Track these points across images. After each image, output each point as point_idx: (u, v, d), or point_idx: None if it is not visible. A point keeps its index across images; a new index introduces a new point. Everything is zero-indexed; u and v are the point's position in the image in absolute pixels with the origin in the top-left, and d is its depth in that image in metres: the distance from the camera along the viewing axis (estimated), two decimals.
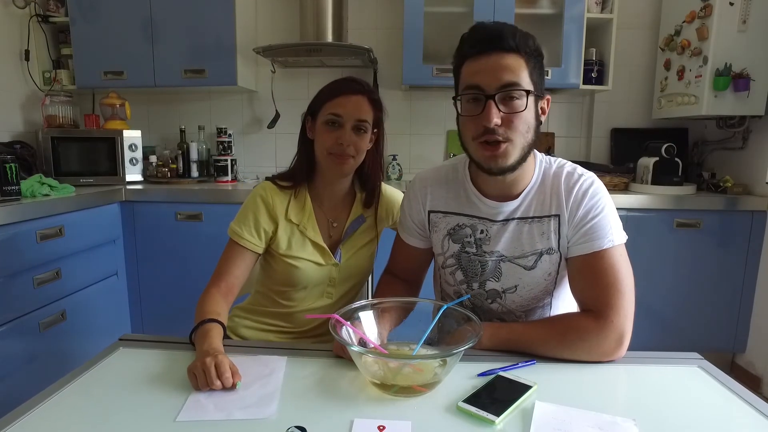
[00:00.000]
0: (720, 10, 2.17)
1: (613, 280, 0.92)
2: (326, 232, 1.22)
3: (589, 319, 0.91)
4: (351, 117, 1.12)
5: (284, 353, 0.92)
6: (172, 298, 2.38)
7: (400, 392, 0.77)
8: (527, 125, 0.91)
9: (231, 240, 1.14)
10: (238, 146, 2.86)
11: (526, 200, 1.01)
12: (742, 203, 2.27)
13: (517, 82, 0.89)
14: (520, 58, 0.90)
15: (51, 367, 1.90)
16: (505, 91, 0.89)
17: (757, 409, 0.75)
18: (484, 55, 0.90)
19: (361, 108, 1.13)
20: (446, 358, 0.78)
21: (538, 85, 0.93)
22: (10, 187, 1.84)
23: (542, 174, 1.02)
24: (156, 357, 0.91)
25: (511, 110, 0.90)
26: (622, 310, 0.91)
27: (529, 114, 0.91)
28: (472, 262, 1.05)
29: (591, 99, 2.79)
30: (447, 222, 1.08)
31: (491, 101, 0.89)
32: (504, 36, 0.89)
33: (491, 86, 0.89)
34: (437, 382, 0.79)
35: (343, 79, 1.19)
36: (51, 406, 0.75)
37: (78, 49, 2.55)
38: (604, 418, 0.71)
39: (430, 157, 2.87)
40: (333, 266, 1.20)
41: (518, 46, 0.89)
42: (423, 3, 2.40)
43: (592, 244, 0.95)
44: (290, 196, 1.19)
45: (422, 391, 0.78)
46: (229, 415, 0.72)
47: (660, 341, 2.32)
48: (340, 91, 1.14)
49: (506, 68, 0.89)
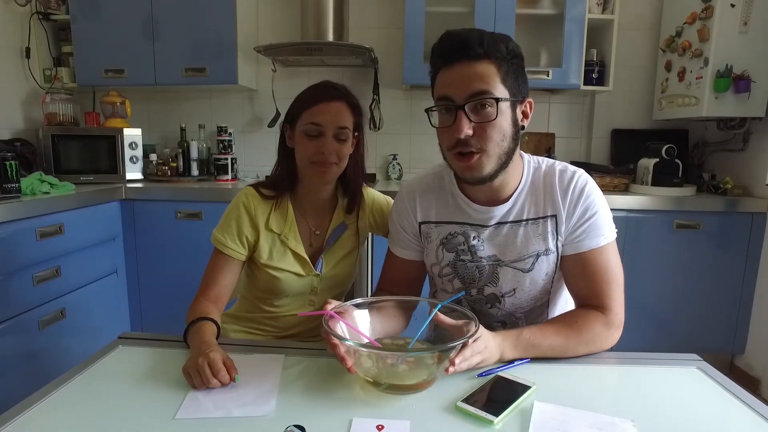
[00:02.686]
0: (721, 11, 2.17)
1: (612, 275, 0.96)
2: (308, 240, 1.20)
3: (598, 315, 0.94)
4: (331, 125, 1.09)
5: (281, 352, 0.92)
6: (171, 296, 2.38)
7: (392, 389, 0.77)
8: (502, 133, 0.89)
9: (216, 249, 1.13)
10: (238, 145, 2.87)
11: (518, 203, 1.00)
12: (742, 205, 2.27)
13: (486, 90, 0.87)
14: (491, 64, 0.87)
15: (50, 364, 1.90)
16: (474, 100, 0.87)
17: (756, 411, 0.75)
18: (453, 64, 0.89)
19: (341, 115, 1.11)
20: (441, 356, 0.78)
21: (515, 89, 0.90)
22: (10, 185, 1.85)
23: (531, 175, 1.01)
24: (155, 355, 0.91)
25: (482, 119, 0.88)
26: (621, 302, 0.96)
27: (504, 121, 0.89)
28: (469, 269, 1.04)
29: (591, 100, 2.79)
30: (439, 232, 1.06)
31: (461, 112, 0.87)
32: (470, 44, 0.87)
33: (460, 96, 0.88)
34: (432, 380, 0.79)
35: (320, 84, 1.16)
36: (50, 403, 0.75)
37: (79, 47, 2.55)
38: (603, 419, 0.71)
39: (431, 156, 2.86)
40: (314, 276, 1.19)
41: (487, 52, 0.87)
42: (424, 2, 2.40)
43: (590, 242, 0.97)
44: (272, 206, 1.17)
45: (417, 388, 0.78)
46: (227, 412, 0.72)
47: (659, 342, 2.32)
48: (318, 99, 1.10)
49: (474, 77, 0.87)
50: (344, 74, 2.81)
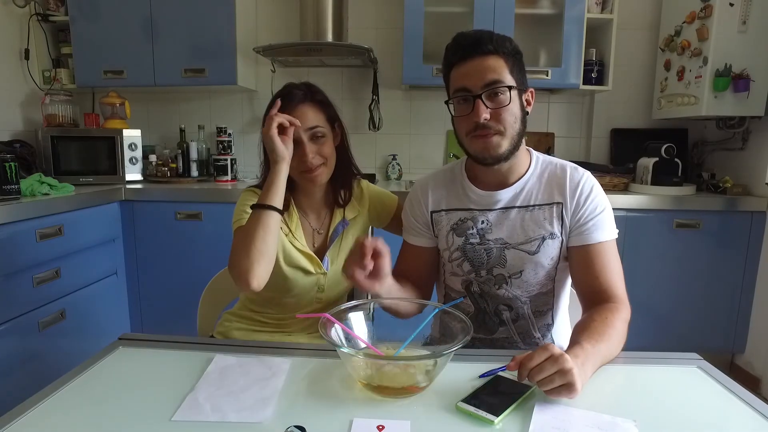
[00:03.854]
0: (720, 10, 2.17)
1: (618, 270, 1.04)
2: (311, 240, 1.21)
3: (620, 311, 0.97)
4: (303, 130, 1.10)
5: (287, 353, 0.92)
6: (171, 297, 2.38)
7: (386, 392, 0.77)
8: (514, 116, 1.01)
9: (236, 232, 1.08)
10: (237, 146, 2.86)
11: (525, 189, 1.08)
12: (741, 204, 2.27)
13: (499, 79, 0.99)
14: (500, 58, 1.00)
15: (50, 366, 1.89)
16: (490, 89, 0.99)
17: (756, 410, 0.75)
18: (468, 59, 1.00)
19: (308, 116, 1.11)
20: (438, 360, 0.77)
21: (520, 80, 1.03)
22: (10, 186, 1.84)
23: (540, 166, 1.11)
24: (155, 356, 0.91)
25: (497, 105, 0.99)
26: (626, 296, 1.03)
27: (515, 106, 1.01)
28: (477, 252, 1.10)
29: (591, 99, 2.79)
30: (449, 218, 1.13)
31: (479, 100, 0.99)
32: (482, 41, 0.99)
33: (477, 86, 0.99)
34: (426, 385, 0.78)
35: (283, 90, 1.14)
36: (50, 405, 0.75)
37: (78, 48, 2.55)
38: (604, 419, 0.71)
39: (430, 157, 2.87)
40: (321, 275, 1.19)
41: (497, 48, 0.99)
42: (423, 3, 2.40)
43: (598, 234, 1.03)
44: None
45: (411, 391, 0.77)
46: (223, 416, 0.72)
47: (659, 341, 2.32)
48: (282, 108, 1.09)
49: (488, 69, 0.99)
50: (343, 74, 2.80)
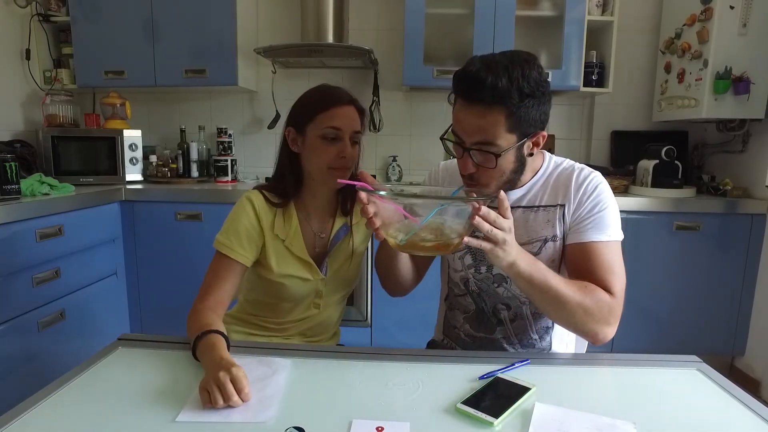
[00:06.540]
0: (720, 13, 2.17)
1: (614, 271, 0.97)
2: (312, 245, 1.18)
3: (601, 291, 0.94)
4: (349, 129, 1.09)
5: (288, 354, 0.92)
6: (171, 298, 2.38)
7: (411, 247, 0.83)
8: (501, 172, 0.96)
9: (219, 253, 1.09)
10: (238, 146, 2.87)
11: (532, 190, 1.07)
12: (741, 206, 2.27)
13: (490, 141, 0.91)
14: (500, 112, 0.89)
15: (50, 366, 1.89)
16: (477, 148, 0.93)
17: (756, 413, 0.75)
18: (465, 103, 0.92)
19: (355, 120, 1.11)
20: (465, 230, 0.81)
21: (525, 129, 0.93)
22: (10, 186, 1.84)
23: (550, 168, 1.08)
24: (155, 357, 0.91)
25: (483, 164, 0.94)
26: (622, 298, 0.96)
27: (505, 163, 0.95)
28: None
29: (591, 101, 2.79)
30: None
31: (467, 153, 0.94)
32: (484, 87, 0.88)
33: (467, 139, 0.94)
34: (451, 245, 0.82)
35: (329, 88, 1.14)
36: (49, 405, 0.75)
37: (79, 49, 2.55)
38: (604, 420, 0.71)
39: (431, 158, 2.86)
40: (320, 280, 1.18)
41: (502, 98, 0.88)
42: (424, 4, 2.40)
43: (594, 234, 1.00)
44: (276, 211, 1.15)
45: (437, 250, 0.83)
46: (227, 417, 0.72)
47: (659, 344, 2.32)
48: (333, 102, 1.09)
49: (480, 128, 0.91)
50: (344, 76, 2.81)
